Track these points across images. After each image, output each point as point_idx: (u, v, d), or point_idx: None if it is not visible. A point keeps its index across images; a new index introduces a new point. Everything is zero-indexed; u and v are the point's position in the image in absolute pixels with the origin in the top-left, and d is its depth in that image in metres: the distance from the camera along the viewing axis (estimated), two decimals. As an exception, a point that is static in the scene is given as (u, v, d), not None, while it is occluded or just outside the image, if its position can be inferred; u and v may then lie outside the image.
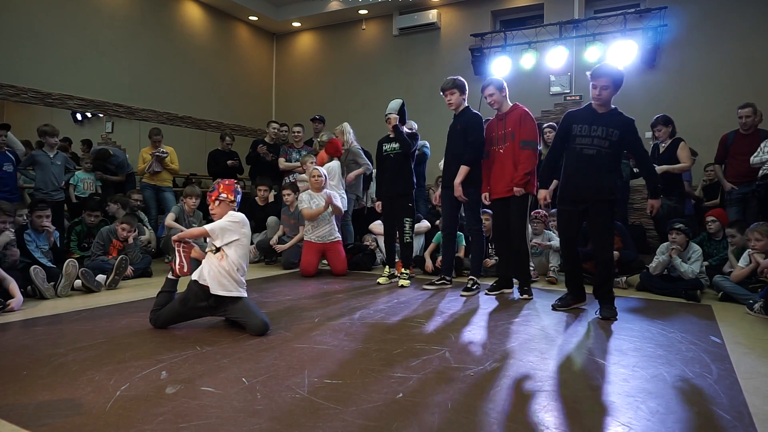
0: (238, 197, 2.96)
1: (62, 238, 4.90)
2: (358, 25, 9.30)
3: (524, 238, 3.82)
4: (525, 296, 3.79)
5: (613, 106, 3.24)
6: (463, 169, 3.89)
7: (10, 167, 5.17)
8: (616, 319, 3.15)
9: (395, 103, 4.39)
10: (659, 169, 4.98)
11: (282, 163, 6.36)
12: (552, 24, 7.44)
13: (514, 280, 4.05)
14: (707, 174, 6.04)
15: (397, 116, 4.33)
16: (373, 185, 5.83)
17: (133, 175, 6.67)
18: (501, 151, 3.80)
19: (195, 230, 3.00)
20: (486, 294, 3.94)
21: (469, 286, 3.98)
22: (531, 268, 4.60)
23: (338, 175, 5.34)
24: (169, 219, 5.04)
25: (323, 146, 5.57)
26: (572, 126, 3.29)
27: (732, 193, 4.93)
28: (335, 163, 5.37)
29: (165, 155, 6.17)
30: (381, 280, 4.46)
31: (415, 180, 4.48)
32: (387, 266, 4.60)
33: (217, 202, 2.90)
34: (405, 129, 4.43)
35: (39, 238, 4.15)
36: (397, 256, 4.80)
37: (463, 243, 4.91)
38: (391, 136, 4.44)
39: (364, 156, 5.62)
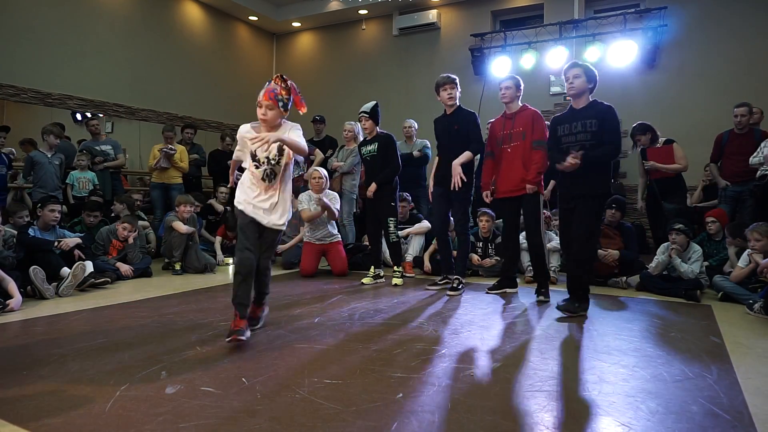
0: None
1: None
2: (358, 25, 9.30)
3: (540, 237, 3.75)
4: (541, 298, 3.69)
5: (592, 99, 3.27)
6: (467, 154, 3.84)
7: (3, 169, 5.25)
8: (573, 314, 3.14)
9: (368, 104, 4.36)
10: (650, 165, 4.89)
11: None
12: (552, 24, 7.44)
13: (518, 281, 4.00)
14: (707, 174, 6.03)
15: (368, 115, 4.30)
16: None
17: (117, 173, 6.42)
18: (509, 150, 3.78)
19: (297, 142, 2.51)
20: (487, 293, 3.93)
21: (455, 285, 3.97)
22: (531, 268, 4.61)
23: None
24: (170, 222, 4.98)
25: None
26: (557, 128, 3.39)
27: (726, 189, 4.93)
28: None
29: (173, 152, 6.09)
30: (365, 280, 4.42)
31: (397, 180, 4.38)
32: (372, 266, 4.51)
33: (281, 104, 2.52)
34: (378, 129, 4.39)
35: (45, 234, 4.12)
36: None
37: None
38: (367, 138, 4.44)
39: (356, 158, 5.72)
